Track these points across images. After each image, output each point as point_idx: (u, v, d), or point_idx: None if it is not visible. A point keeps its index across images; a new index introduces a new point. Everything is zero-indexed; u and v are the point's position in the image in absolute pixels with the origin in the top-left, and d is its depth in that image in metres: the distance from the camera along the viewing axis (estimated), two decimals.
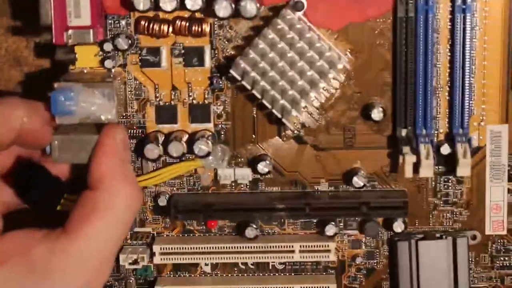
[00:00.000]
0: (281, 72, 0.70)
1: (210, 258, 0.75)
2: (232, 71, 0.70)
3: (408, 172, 0.72)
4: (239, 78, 0.70)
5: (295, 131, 0.74)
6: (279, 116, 0.70)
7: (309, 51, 0.70)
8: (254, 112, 0.74)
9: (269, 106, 0.70)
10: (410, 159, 0.71)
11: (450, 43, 0.72)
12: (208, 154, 0.71)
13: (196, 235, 0.77)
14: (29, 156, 0.70)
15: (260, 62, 0.70)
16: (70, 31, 0.68)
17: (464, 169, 0.72)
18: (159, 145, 0.72)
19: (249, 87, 0.70)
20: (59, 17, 0.68)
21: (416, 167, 0.72)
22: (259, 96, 0.70)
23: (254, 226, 0.74)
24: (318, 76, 0.70)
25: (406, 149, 0.72)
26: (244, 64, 0.70)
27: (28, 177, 0.69)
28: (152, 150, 0.72)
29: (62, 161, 0.69)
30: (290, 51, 0.70)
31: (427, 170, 0.71)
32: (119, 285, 0.77)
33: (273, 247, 0.74)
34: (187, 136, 0.73)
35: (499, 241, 0.77)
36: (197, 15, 0.71)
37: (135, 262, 0.75)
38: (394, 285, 0.76)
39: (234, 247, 0.75)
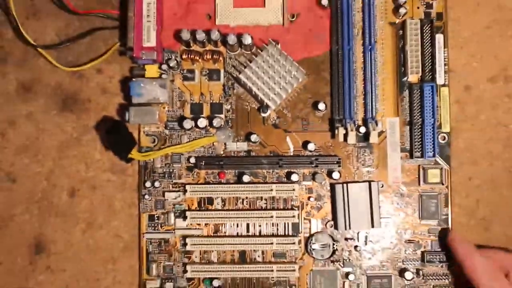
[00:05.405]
0: (267, 79, 1.20)
1: (222, 193, 1.20)
2: (241, 76, 1.20)
3: (340, 138, 1.20)
4: (245, 79, 1.20)
5: (274, 120, 1.23)
6: (266, 100, 1.19)
7: (281, 70, 1.20)
8: (249, 109, 1.23)
9: (260, 94, 1.19)
10: (342, 130, 1.20)
11: (363, 68, 1.23)
12: (221, 126, 1.20)
13: (212, 183, 1.23)
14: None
15: (258, 73, 1.20)
16: (144, 51, 1.19)
17: (374, 137, 1.20)
18: (192, 120, 1.21)
19: (250, 84, 1.20)
20: (137, 40, 1.19)
21: (346, 138, 1.20)
22: (255, 89, 1.20)
23: (248, 174, 1.21)
24: (287, 84, 1.20)
25: (338, 124, 1.20)
26: (248, 72, 1.20)
27: (116, 128, 1.17)
28: (187, 123, 1.20)
29: (135, 123, 1.18)
30: (271, 69, 1.20)
31: (352, 138, 1.20)
32: (163, 216, 1.23)
33: (259, 187, 1.21)
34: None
35: (397, 190, 1.23)
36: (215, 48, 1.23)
37: (176, 198, 1.22)
38: (334, 216, 1.22)
39: (236, 187, 1.21)
